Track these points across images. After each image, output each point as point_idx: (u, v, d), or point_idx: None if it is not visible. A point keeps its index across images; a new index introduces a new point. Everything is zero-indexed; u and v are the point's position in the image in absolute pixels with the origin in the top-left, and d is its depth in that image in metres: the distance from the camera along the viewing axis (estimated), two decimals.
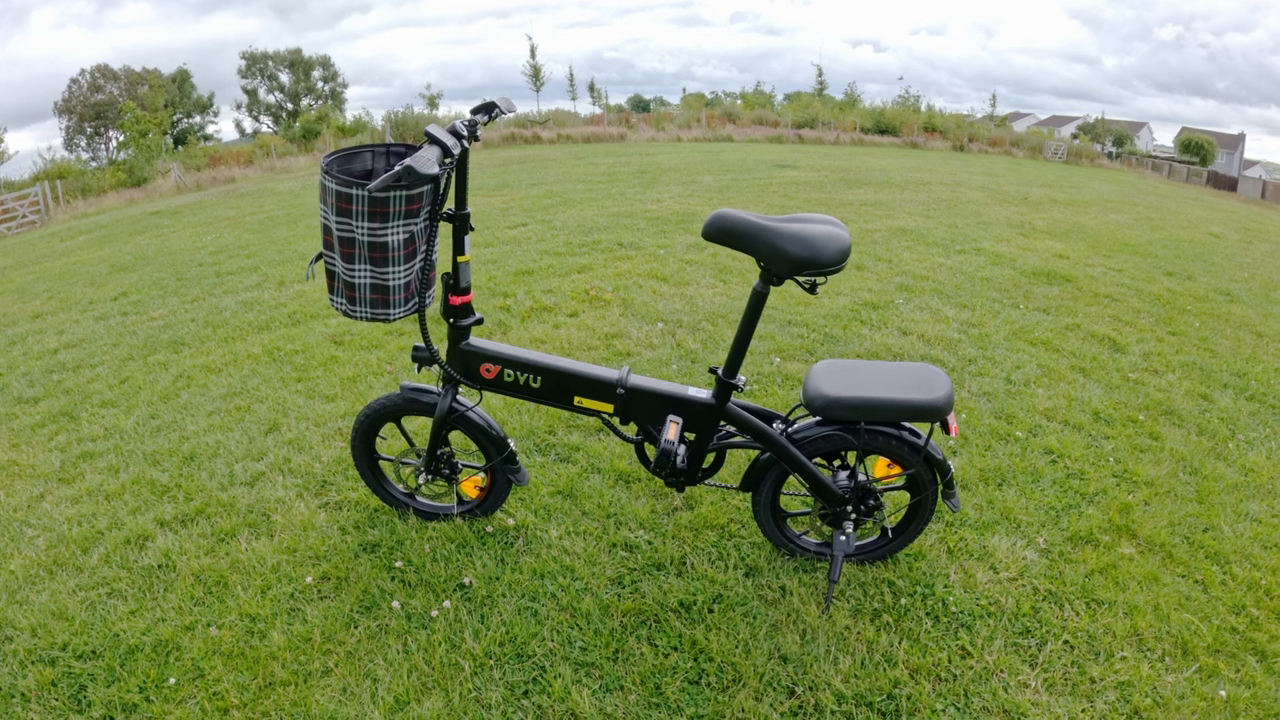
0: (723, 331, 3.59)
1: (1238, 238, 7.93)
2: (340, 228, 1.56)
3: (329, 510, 2.18)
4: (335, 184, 1.51)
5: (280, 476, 2.35)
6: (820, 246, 1.52)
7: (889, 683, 1.58)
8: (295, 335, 3.61)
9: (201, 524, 2.12)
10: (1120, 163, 26.38)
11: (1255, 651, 1.68)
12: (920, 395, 1.66)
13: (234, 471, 2.38)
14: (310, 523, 2.10)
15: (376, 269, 1.60)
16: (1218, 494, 2.29)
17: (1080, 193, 10.80)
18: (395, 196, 1.51)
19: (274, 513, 2.16)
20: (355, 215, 1.53)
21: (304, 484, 2.30)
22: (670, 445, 1.67)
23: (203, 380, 3.16)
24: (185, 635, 1.71)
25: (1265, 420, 2.86)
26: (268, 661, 1.63)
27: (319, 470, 2.38)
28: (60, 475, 2.46)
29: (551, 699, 1.53)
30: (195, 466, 2.42)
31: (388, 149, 1.74)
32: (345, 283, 1.64)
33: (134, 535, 2.06)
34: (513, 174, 10.51)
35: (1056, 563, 1.96)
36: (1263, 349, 3.75)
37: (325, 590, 1.85)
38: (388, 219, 1.54)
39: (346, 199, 1.51)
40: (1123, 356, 3.42)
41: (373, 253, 1.58)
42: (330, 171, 1.52)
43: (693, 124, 22.27)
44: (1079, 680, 1.60)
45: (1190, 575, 1.93)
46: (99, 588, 1.88)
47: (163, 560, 1.96)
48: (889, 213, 7.31)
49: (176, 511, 2.17)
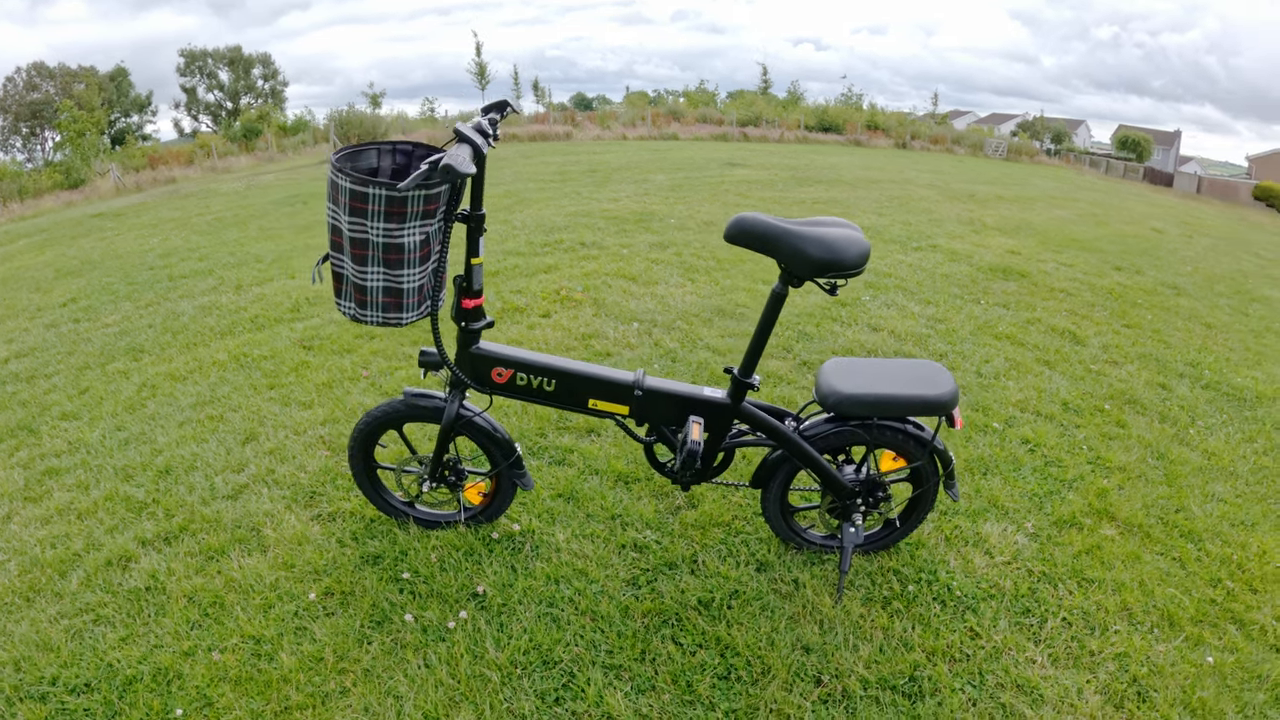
0: (698, 330, 3.62)
1: (1179, 232, 8.45)
2: (353, 228, 1.50)
3: (322, 522, 2.10)
4: (350, 182, 1.46)
5: (265, 488, 2.25)
6: (842, 250, 1.56)
7: (909, 666, 1.63)
8: (261, 340, 3.46)
9: (187, 541, 2.01)
10: (1059, 159, 27.36)
11: (1234, 620, 1.81)
12: (928, 391, 1.72)
13: (214, 485, 2.27)
14: (304, 536, 2.03)
15: (390, 271, 1.56)
16: (1185, 477, 2.46)
17: (1024, 189, 11.32)
18: (414, 197, 1.47)
19: (263, 527, 2.07)
20: (371, 215, 1.48)
21: (291, 495, 2.22)
22: (697, 446, 1.69)
23: (168, 389, 2.99)
24: (185, 662, 1.62)
25: (1221, 407, 3.08)
26: (280, 685, 1.56)
27: (305, 481, 2.29)
28: (25, 494, 2.29)
29: (585, 703, 1.53)
30: (172, 480, 2.30)
31: (394, 147, 1.69)
32: (355, 285, 1.58)
33: (115, 556, 1.94)
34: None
35: (1046, 546, 2.06)
36: (1212, 340, 4.03)
37: (331, 606, 1.78)
38: (405, 220, 1.50)
39: (361, 198, 1.46)
40: (1083, 349, 3.61)
41: (387, 254, 1.53)
42: (343, 170, 1.47)
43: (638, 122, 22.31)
44: (1080, 653, 1.70)
45: (1168, 553, 2.06)
46: (83, 614, 1.76)
47: (150, 582, 1.85)
48: (844, 211, 7.49)
49: (158, 529, 2.05)
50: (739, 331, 3.62)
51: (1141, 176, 28.21)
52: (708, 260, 4.98)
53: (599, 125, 21.25)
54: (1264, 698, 1.59)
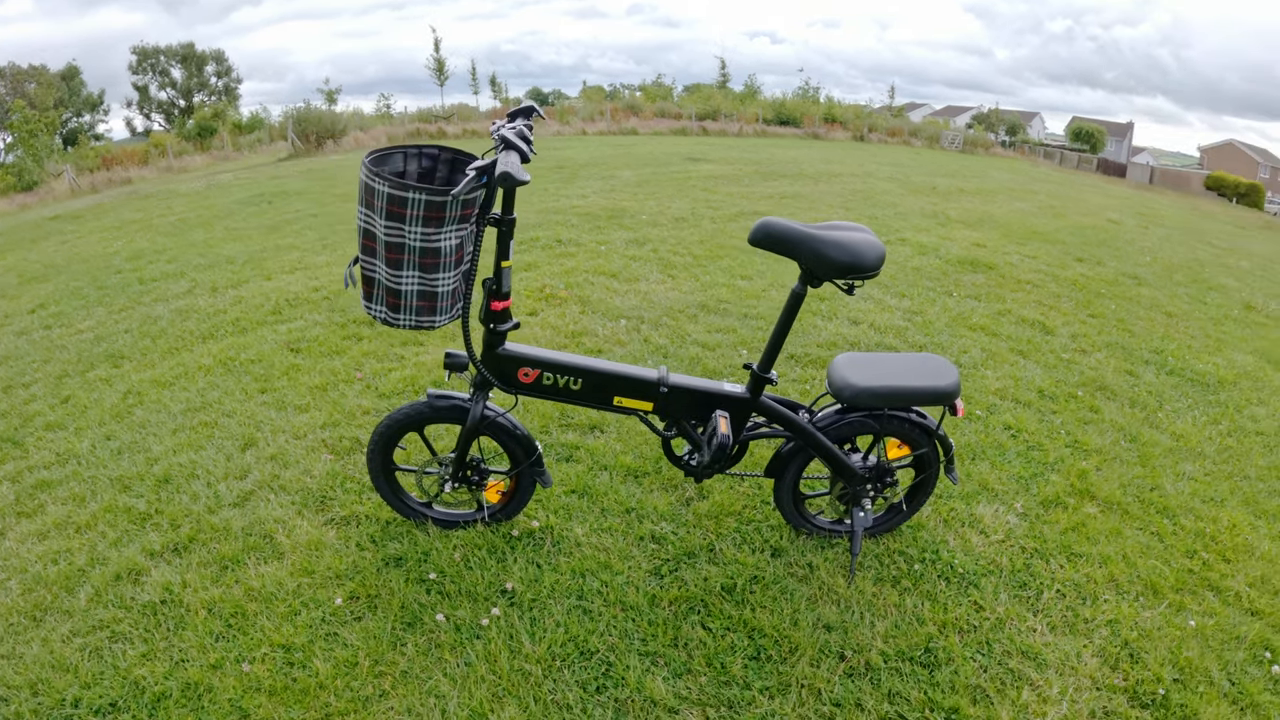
0: (685, 326, 3.69)
1: (1135, 223, 8.84)
2: (389, 232, 1.52)
3: (336, 526, 2.10)
4: (389, 187, 1.47)
5: (271, 494, 2.23)
6: (863, 253, 1.65)
7: (923, 638, 1.74)
8: (246, 344, 3.39)
9: (197, 552, 1.98)
10: (1014, 151, 27.76)
11: (1211, 588, 1.98)
12: (935, 382, 1.83)
13: (218, 492, 2.23)
14: (320, 541, 2.02)
15: (426, 275, 1.57)
16: (1156, 458, 2.64)
17: (983, 182, 11.69)
18: (453, 201, 1.50)
19: (276, 534, 2.05)
20: (409, 220, 1.50)
21: (301, 501, 2.20)
22: (726, 438, 1.75)
23: (155, 396, 2.91)
24: (214, 675, 1.60)
25: (1185, 392, 3.30)
26: (317, 693, 1.57)
27: (313, 485, 2.28)
28: (18, 509, 2.22)
29: (627, 690, 1.58)
30: (173, 490, 2.26)
31: (420, 150, 1.71)
32: (389, 289, 1.59)
33: (124, 570, 1.90)
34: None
35: (1035, 524, 2.20)
36: (1174, 328, 4.28)
37: (358, 610, 1.79)
38: (442, 224, 1.52)
39: (400, 203, 1.48)
40: (1053, 338, 3.81)
41: (424, 258, 1.55)
42: (381, 174, 1.48)
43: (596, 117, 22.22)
44: (1075, 621, 1.83)
45: (1146, 528, 2.23)
46: (98, 631, 1.72)
47: (165, 595, 1.82)
48: (810, 205, 7.65)
49: (165, 540, 2.02)
50: (725, 327, 3.70)
51: (1095, 167, 29.02)
52: (685, 257, 5.05)
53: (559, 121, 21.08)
54: (1243, 656, 1.75)
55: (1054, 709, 1.57)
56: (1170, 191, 22.54)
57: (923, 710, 1.56)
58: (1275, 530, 2.28)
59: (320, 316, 3.70)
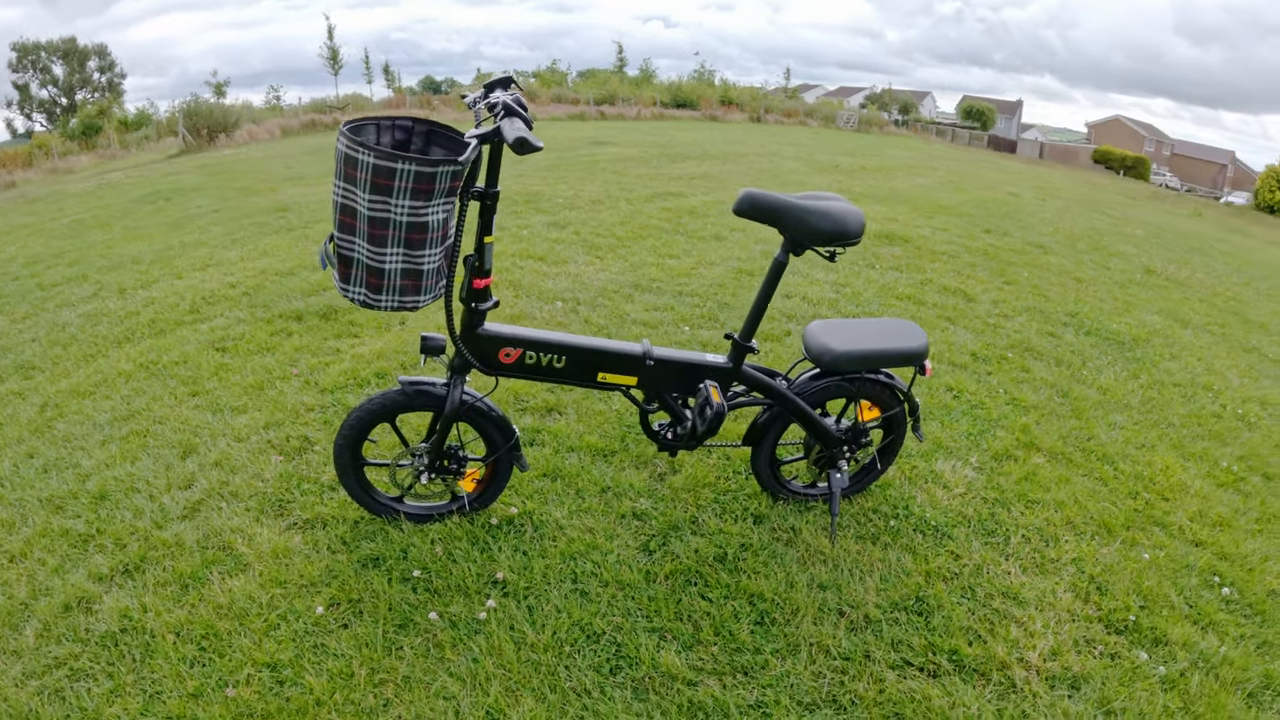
0: (622, 306, 3.67)
1: (1033, 195, 9.45)
2: (374, 207, 1.41)
3: (301, 531, 1.96)
4: (374, 158, 1.36)
5: (223, 503, 2.05)
6: (847, 222, 1.69)
7: (913, 589, 1.82)
8: (167, 345, 3.09)
9: (151, 571, 1.80)
10: (908, 129, 28.83)
11: (1157, 523, 2.17)
12: (908, 344, 1.90)
13: (164, 505, 2.03)
14: (286, 548, 1.88)
15: (411, 252, 1.48)
16: (1088, 410, 2.87)
17: (882, 160, 12.22)
18: (442, 173, 1.41)
19: (235, 544, 1.89)
20: (396, 193, 1.40)
21: (257, 507, 2.04)
22: (722, 407, 1.75)
23: (76, 407, 2.61)
24: (197, 705, 1.45)
25: (1103, 350, 3.59)
26: (315, 710, 1.45)
27: (267, 489, 2.11)
28: None
29: (643, 668, 1.57)
30: (112, 506, 2.03)
31: (393, 122, 1.60)
32: (370, 268, 1.49)
33: (72, 599, 1.70)
34: (329, 161, 9.60)
35: (992, 476, 2.34)
36: (1083, 292, 4.63)
37: (343, 617, 1.68)
38: (431, 197, 1.43)
39: (388, 174, 1.37)
40: (976, 305, 4.05)
41: (410, 234, 1.45)
42: (365, 144, 1.37)
43: None
44: (1043, 562, 1.97)
45: (1090, 474, 2.42)
46: (55, 670, 1.53)
47: (123, 623, 1.64)
48: (720, 184, 7.77)
49: (113, 562, 1.82)
50: (662, 305, 3.71)
51: (986, 144, 30.64)
52: (608, 238, 5.02)
53: (455, 109, 20.43)
54: (1195, 581, 1.94)
55: (1041, 642, 1.68)
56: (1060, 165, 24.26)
57: (926, 655, 1.63)
58: (1203, 470, 2.54)
59: (242, 313, 3.42)
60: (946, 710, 1.50)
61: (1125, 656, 1.67)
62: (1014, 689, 1.57)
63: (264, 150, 12.07)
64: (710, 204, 6.48)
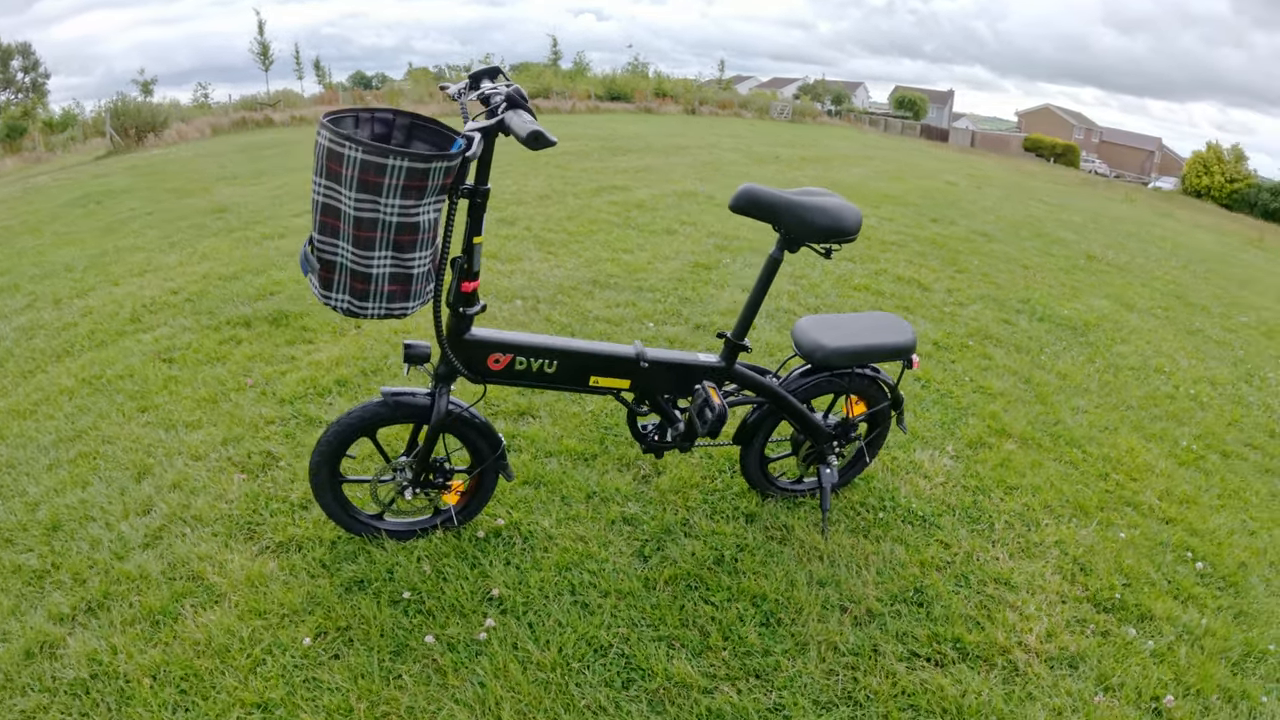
0: (582, 303, 3.62)
1: (969, 184, 9.73)
2: (361, 206, 1.32)
3: (274, 555, 1.84)
4: (362, 153, 1.27)
5: (186, 528, 1.91)
6: (843, 218, 1.68)
7: (910, 580, 1.84)
8: (110, 358, 2.85)
9: (117, 608, 1.65)
10: (841, 120, 29.28)
11: (1128, 503, 2.27)
12: (897, 338, 1.92)
13: (122, 534, 1.87)
14: (261, 575, 1.76)
15: (400, 254, 1.39)
16: (1051, 396, 2.98)
17: (820, 150, 12.43)
18: (435, 170, 1.33)
19: (206, 573, 1.76)
20: (387, 191, 1.31)
21: (224, 531, 1.90)
22: (723, 409, 1.72)
23: (16, 428, 2.38)
24: None
25: (1058, 336, 3.74)
26: None
27: (233, 511, 1.98)
28: None
29: (656, 680, 1.53)
30: (66, 537, 1.86)
31: (373, 115, 1.50)
32: (355, 273, 1.39)
33: (33, 644, 1.54)
34: (264, 160, 9.16)
35: (969, 464, 2.40)
36: (1032, 279, 4.80)
37: (333, 647, 1.58)
38: (424, 194, 1.35)
39: (378, 170, 1.28)
40: (932, 294, 4.16)
41: (400, 235, 1.37)
42: (350, 138, 1.27)
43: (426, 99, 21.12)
44: (1028, 546, 2.03)
45: (1061, 458, 2.51)
46: None
47: (93, 668, 1.49)
48: (666, 177, 7.75)
49: (73, 600, 1.66)
50: (623, 301, 3.66)
51: (919, 133, 31.38)
52: (559, 234, 4.94)
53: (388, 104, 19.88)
54: (1170, 558, 2.04)
55: (1037, 624, 1.73)
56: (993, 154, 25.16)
57: (931, 645, 1.65)
58: (1165, 450, 2.67)
59: (187, 321, 3.20)
60: (958, 699, 1.52)
61: (1115, 633, 1.73)
62: (1017, 672, 1.61)
63: (195, 149, 11.42)
64: (657, 197, 6.46)
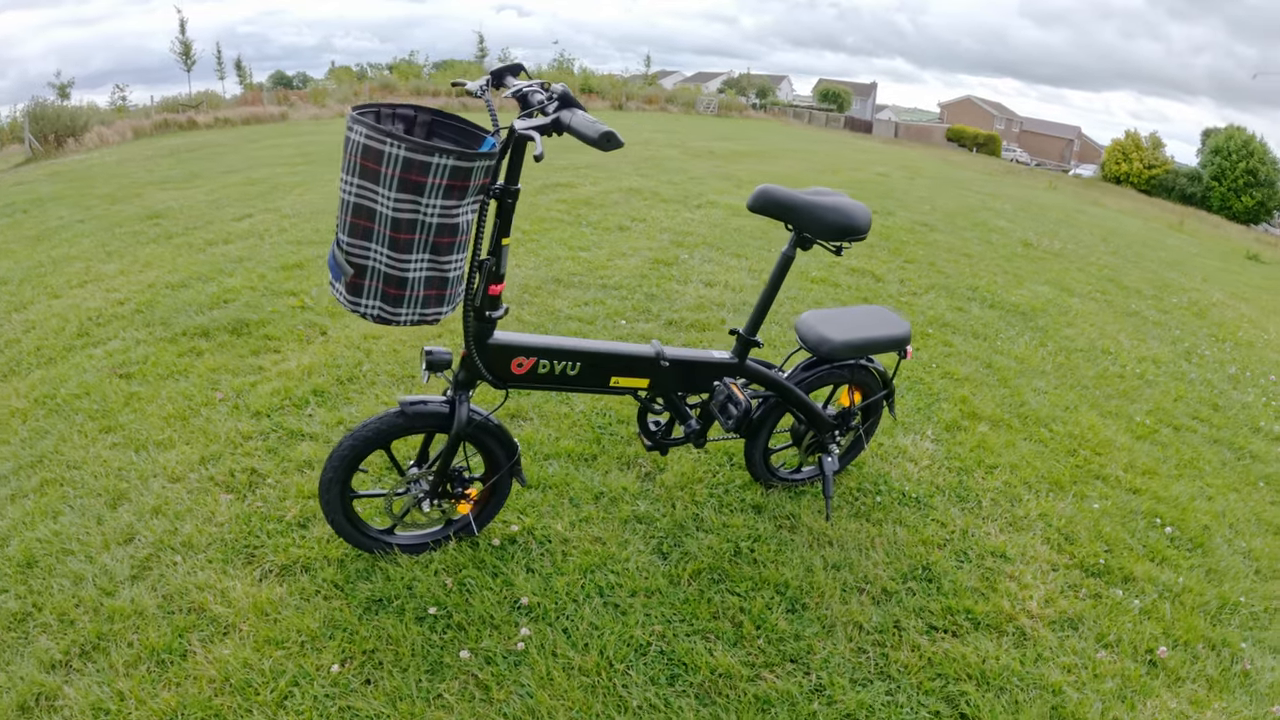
0: (550, 302, 3.60)
1: (902, 175, 10.08)
2: (400, 207, 1.28)
3: (280, 579, 1.75)
4: (405, 150, 1.23)
5: (177, 556, 1.79)
6: (857, 217, 1.75)
7: (916, 559, 1.94)
8: (62, 375, 2.62)
9: (116, 649, 1.53)
10: (766, 113, 29.73)
11: (1097, 477, 2.46)
12: (894, 331, 2.01)
13: (106, 567, 1.74)
14: (270, 601, 1.67)
15: (438, 257, 1.36)
16: (1012, 379, 3.17)
17: (753, 144, 12.67)
18: (477, 169, 1.30)
19: (208, 604, 1.65)
20: (429, 191, 1.27)
21: (220, 556, 1.80)
22: (747, 404, 1.76)
23: None
24: None
25: (1010, 321, 3.97)
26: None
27: (225, 534, 1.87)
28: None
29: (699, 673, 1.56)
30: (45, 574, 1.70)
31: (394, 110, 1.46)
32: (389, 278, 1.34)
33: (27, 696, 1.41)
34: (193, 163, 8.58)
35: (950, 447, 2.54)
36: (976, 267, 5.06)
37: (364, 672, 1.51)
38: (465, 195, 1.32)
39: (421, 170, 1.25)
40: (886, 285, 4.34)
41: (439, 237, 1.33)
42: (392, 135, 1.23)
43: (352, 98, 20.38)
44: (1015, 520, 2.17)
45: (1031, 437, 2.68)
46: None
47: (101, 719, 1.39)
48: (610, 175, 7.74)
49: (64, 644, 1.53)
50: (591, 299, 3.66)
51: (843, 125, 32.14)
52: (513, 233, 4.86)
53: (315, 104, 18.98)
54: (1143, 524, 2.23)
55: (1036, 592, 1.85)
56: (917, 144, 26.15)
57: (946, 618, 1.75)
58: (1122, 425, 2.89)
59: (139, 333, 2.97)
60: (980, 664, 1.62)
61: (1105, 595, 1.88)
62: (1026, 637, 1.73)
63: (119, 154, 10.62)
64: (603, 194, 6.45)
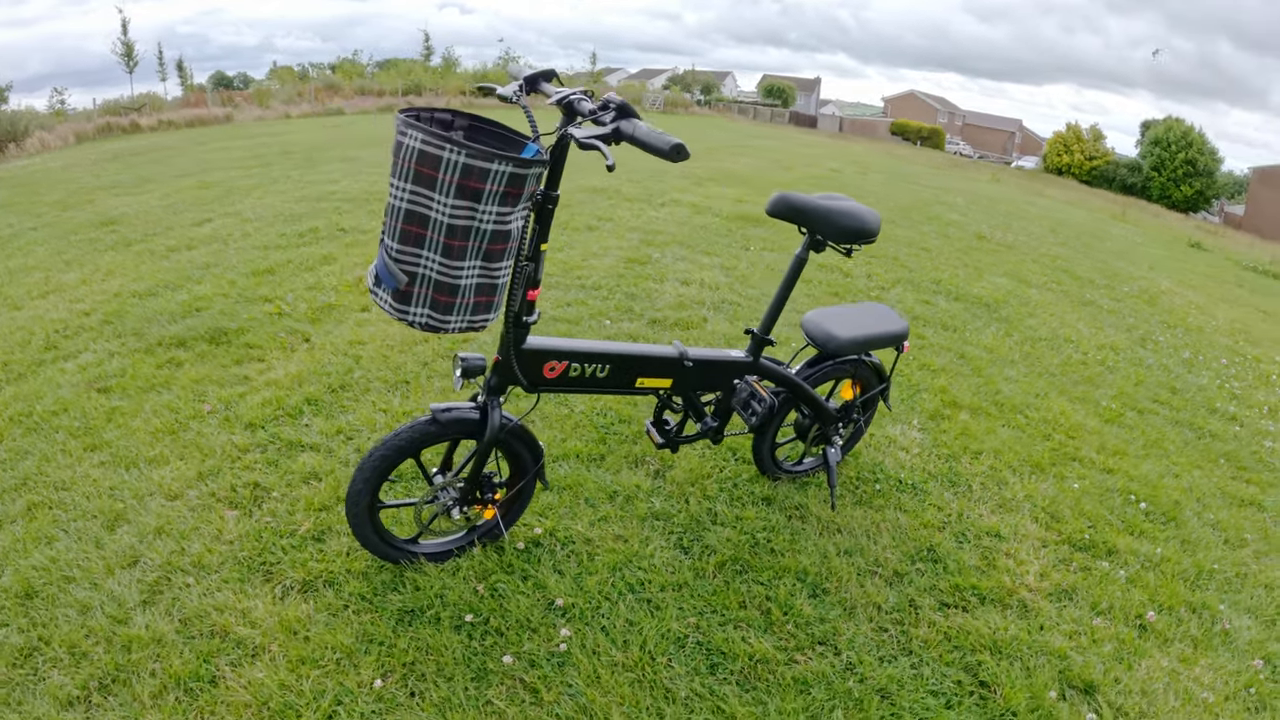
0: None
1: (853, 170, 10.32)
2: (457, 214, 1.28)
3: (305, 596, 1.71)
4: (465, 156, 1.22)
5: (188, 578, 1.73)
6: (868, 221, 1.84)
7: (921, 541, 2.05)
8: (35, 391, 2.46)
9: (137, 680, 1.46)
10: (711, 109, 29.85)
11: (1073, 459, 2.63)
12: (894, 327, 2.11)
13: (114, 593, 1.66)
14: (297, 619, 1.64)
15: (489, 264, 1.36)
16: (985, 369, 3.34)
17: (702, 141, 12.77)
18: (532, 175, 1.31)
19: (231, 627, 1.60)
20: (487, 198, 1.27)
21: (236, 575, 1.75)
22: (771, 401, 1.82)
23: None
24: None
25: (975, 313, 4.16)
26: None
27: (237, 552, 1.82)
28: None
29: (738, 661, 1.61)
30: (47, 605, 1.61)
31: (432, 114, 1.45)
32: (440, 285, 1.34)
33: None
34: (141, 166, 8.11)
35: (936, 435, 2.67)
36: (936, 262, 5.26)
37: (407, 685, 1.50)
38: (518, 201, 1.33)
39: (481, 176, 1.25)
40: (854, 280, 4.49)
41: (493, 244, 1.34)
42: (452, 140, 1.22)
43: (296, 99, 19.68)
44: (1004, 502, 2.31)
45: (1009, 423, 2.84)
46: None
47: None
48: (570, 173, 7.71)
49: (79, 679, 1.45)
50: (573, 300, 3.68)
51: (788, 120, 32.38)
52: None
53: (259, 105, 18.28)
54: (1119, 501, 2.40)
55: (1032, 567, 1.99)
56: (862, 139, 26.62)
57: (955, 595, 1.86)
58: (1090, 410, 3.09)
59: (111, 344, 2.82)
60: (991, 636, 1.74)
61: (1094, 568, 2.03)
62: (1028, 609, 1.85)
63: (63, 159, 9.97)
64: (567, 193, 6.43)
